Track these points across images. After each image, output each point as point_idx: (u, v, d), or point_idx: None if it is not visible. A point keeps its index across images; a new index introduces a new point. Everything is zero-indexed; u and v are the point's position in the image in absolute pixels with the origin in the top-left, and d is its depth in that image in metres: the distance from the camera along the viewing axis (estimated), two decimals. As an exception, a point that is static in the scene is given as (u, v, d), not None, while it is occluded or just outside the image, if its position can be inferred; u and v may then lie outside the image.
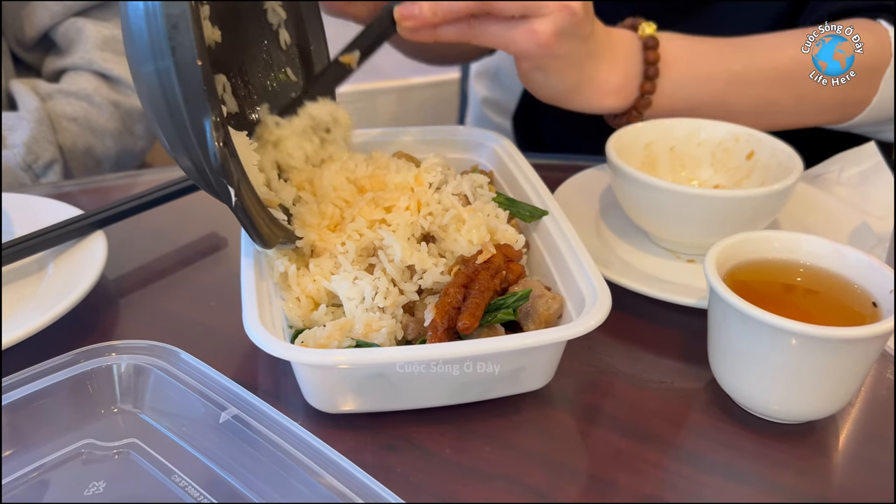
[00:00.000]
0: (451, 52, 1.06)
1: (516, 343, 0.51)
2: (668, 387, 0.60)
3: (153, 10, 0.47)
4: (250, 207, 0.53)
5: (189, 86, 0.48)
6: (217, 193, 0.55)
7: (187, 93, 0.48)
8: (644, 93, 0.75)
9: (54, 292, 0.65)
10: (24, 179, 0.94)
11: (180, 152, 0.52)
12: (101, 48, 1.03)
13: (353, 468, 0.47)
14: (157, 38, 0.48)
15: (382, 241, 0.59)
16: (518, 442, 0.55)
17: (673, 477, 0.53)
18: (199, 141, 0.50)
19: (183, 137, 0.51)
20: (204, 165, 0.51)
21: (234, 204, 0.52)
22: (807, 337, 0.50)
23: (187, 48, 0.47)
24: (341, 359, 0.50)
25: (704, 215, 0.68)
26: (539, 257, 0.64)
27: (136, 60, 0.50)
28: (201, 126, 0.49)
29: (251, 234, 0.56)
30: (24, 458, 0.51)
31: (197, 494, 0.49)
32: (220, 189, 0.52)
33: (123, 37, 0.51)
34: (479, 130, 0.79)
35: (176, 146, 0.52)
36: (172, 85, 0.48)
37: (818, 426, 0.57)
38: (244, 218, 0.54)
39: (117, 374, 0.55)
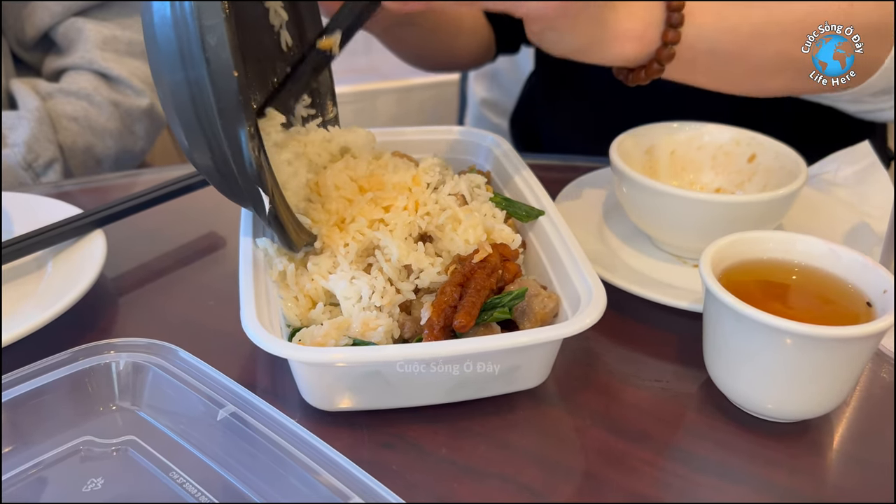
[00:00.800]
0: (449, 56, 1.06)
1: (512, 341, 0.52)
2: (664, 386, 0.61)
3: (183, 17, 0.46)
4: (283, 214, 0.54)
5: (224, 96, 0.47)
6: (235, 196, 0.55)
7: (221, 103, 0.47)
8: (667, 42, 0.69)
9: (54, 290, 0.65)
10: (24, 178, 0.94)
11: (203, 153, 0.51)
12: (101, 48, 1.03)
13: (350, 465, 0.47)
14: (188, 48, 0.46)
15: (380, 241, 0.60)
16: (513, 440, 0.56)
17: (667, 476, 0.53)
18: (234, 150, 0.49)
19: (212, 144, 0.50)
20: (234, 170, 0.51)
21: (268, 212, 0.52)
22: (801, 336, 0.51)
23: (223, 60, 0.46)
24: (338, 357, 0.51)
25: (708, 220, 0.68)
26: (535, 257, 0.64)
27: (161, 67, 0.49)
28: (236, 135, 0.48)
29: (283, 239, 0.56)
30: (23, 455, 0.51)
31: (195, 491, 0.49)
32: (248, 194, 0.52)
33: (146, 42, 0.50)
34: (477, 131, 0.79)
35: (200, 148, 0.51)
36: (205, 95, 0.47)
37: (813, 425, 0.57)
38: (277, 226, 0.54)
39: (116, 371, 0.55)
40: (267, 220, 0.55)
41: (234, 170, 0.51)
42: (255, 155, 0.49)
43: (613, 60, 0.69)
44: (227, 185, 0.54)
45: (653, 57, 0.69)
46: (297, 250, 0.60)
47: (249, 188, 0.51)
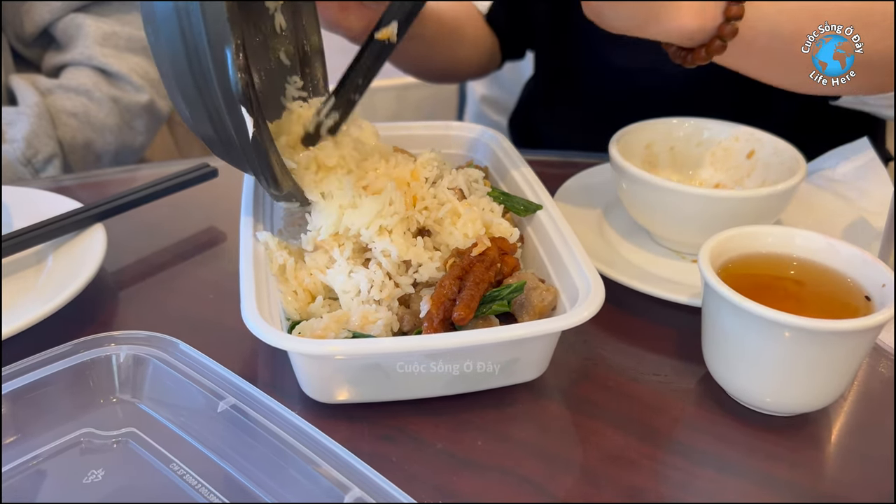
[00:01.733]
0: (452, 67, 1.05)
1: (511, 334, 0.52)
2: (662, 380, 0.61)
3: None
4: (268, 147, 0.53)
5: (212, 18, 0.48)
6: (237, 158, 0.54)
7: (210, 26, 0.48)
8: (729, 17, 0.65)
9: (54, 284, 0.65)
10: (23, 174, 0.94)
11: (201, 115, 0.52)
12: (100, 44, 1.03)
13: (350, 457, 0.47)
14: None
15: (374, 245, 0.60)
16: (512, 433, 0.56)
17: (666, 469, 0.54)
18: (221, 78, 0.49)
19: (203, 92, 0.51)
20: (226, 116, 0.51)
21: (251, 138, 0.51)
22: (800, 329, 0.51)
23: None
24: (337, 349, 0.51)
25: (707, 215, 0.68)
26: (533, 251, 0.65)
27: (153, 14, 0.51)
28: (223, 59, 0.49)
29: (264, 173, 0.55)
30: (23, 447, 0.51)
31: (195, 483, 0.50)
32: (238, 134, 0.51)
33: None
34: (475, 126, 0.80)
35: (196, 106, 0.52)
36: (194, 23, 0.49)
37: (811, 419, 0.57)
38: (258, 154, 0.53)
39: (116, 364, 0.55)
40: (255, 161, 0.54)
41: (224, 110, 0.51)
42: (240, 75, 0.49)
43: (672, 34, 0.65)
44: (225, 146, 0.53)
45: (714, 34, 0.65)
46: (281, 191, 0.58)
47: (236, 119, 0.51)
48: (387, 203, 0.60)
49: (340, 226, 0.60)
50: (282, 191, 0.58)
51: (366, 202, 0.60)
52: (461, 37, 1.02)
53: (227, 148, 0.55)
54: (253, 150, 0.53)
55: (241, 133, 0.51)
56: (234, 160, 0.57)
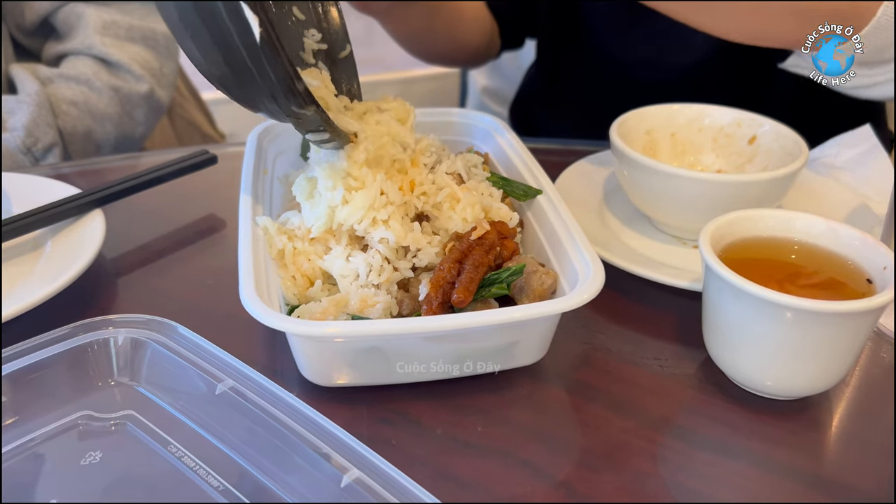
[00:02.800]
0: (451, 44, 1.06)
1: (511, 315, 0.51)
2: (663, 364, 0.61)
3: None
4: (277, 45, 0.48)
5: None
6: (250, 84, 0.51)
7: None
8: None
9: (53, 268, 0.65)
10: (23, 162, 0.94)
11: (209, 49, 0.50)
12: (101, 33, 1.03)
13: (349, 438, 0.47)
14: None
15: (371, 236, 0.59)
16: (512, 417, 0.56)
17: (665, 452, 0.53)
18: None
19: (210, 26, 0.48)
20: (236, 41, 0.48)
21: (259, 39, 0.47)
22: (802, 311, 0.50)
23: None
24: (335, 331, 0.51)
25: (709, 200, 0.68)
26: (533, 235, 0.64)
27: None
28: None
29: (279, 81, 0.50)
30: (21, 429, 0.51)
31: (193, 465, 0.49)
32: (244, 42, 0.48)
33: None
34: (475, 113, 0.79)
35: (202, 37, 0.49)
36: None
37: (812, 403, 0.57)
38: (271, 54, 0.48)
39: (115, 347, 0.55)
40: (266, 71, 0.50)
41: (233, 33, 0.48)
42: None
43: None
44: (237, 79, 0.51)
45: None
46: (302, 108, 0.53)
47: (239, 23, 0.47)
48: (377, 194, 0.59)
49: (333, 222, 0.60)
50: (301, 105, 0.52)
51: (356, 197, 0.59)
52: (461, 13, 1.02)
53: (238, 77, 0.51)
54: (263, 53, 0.48)
55: (247, 41, 0.48)
56: (247, 93, 0.54)
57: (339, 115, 0.62)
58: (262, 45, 0.48)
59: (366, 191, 0.59)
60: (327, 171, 0.60)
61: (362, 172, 0.60)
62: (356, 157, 0.60)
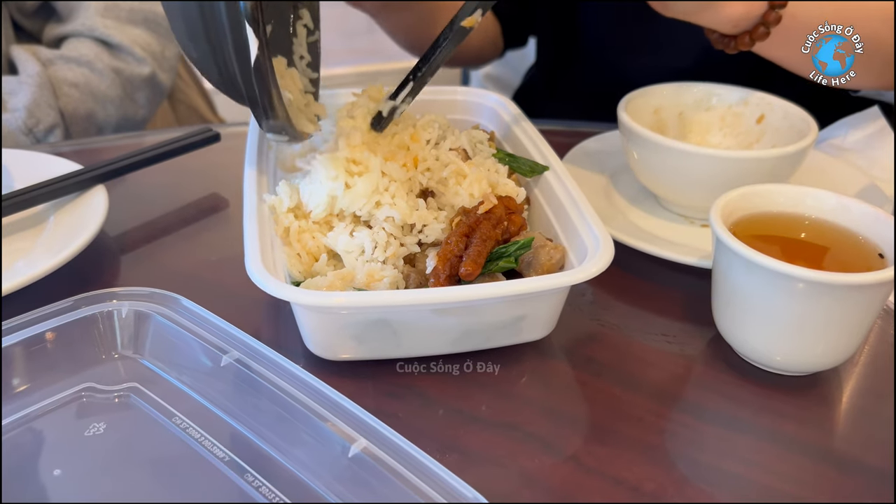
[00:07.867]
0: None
1: (519, 287, 0.51)
2: (671, 340, 0.60)
3: None
4: (268, 69, 0.50)
5: None
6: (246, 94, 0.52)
7: None
8: (774, 6, 0.69)
9: (55, 242, 0.65)
10: (24, 143, 0.93)
11: (207, 59, 0.50)
12: (102, 15, 1.02)
13: (356, 409, 0.46)
14: None
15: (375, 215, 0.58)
16: (519, 391, 0.55)
17: (674, 426, 0.53)
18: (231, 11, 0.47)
19: (209, 29, 0.49)
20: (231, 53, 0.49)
21: (254, 60, 0.49)
22: (813, 283, 0.50)
23: None
24: (342, 301, 0.50)
25: (717, 177, 0.67)
26: (540, 212, 0.64)
27: None
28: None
29: (263, 96, 0.51)
30: (24, 400, 0.51)
31: (198, 436, 0.49)
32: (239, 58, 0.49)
33: None
34: (480, 91, 0.79)
35: (202, 47, 0.50)
36: None
37: (821, 379, 0.57)
38: (261, 78, 0.50)
39: (118, 319, 0.55)
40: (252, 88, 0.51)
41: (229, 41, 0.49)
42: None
43: (721, 20, 0.68)
44: (235, 87, 0.52)
45: (759, 21, 0.69)
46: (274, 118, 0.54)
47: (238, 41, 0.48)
48: (378, 179, 0.58)
49: (335, 207, 0.59)
50: (274, 118, 0.54)
51: (358, 183, 0.58)
52: None
53: (226, 81, 0.53)
54: (258, 71, 0.50)
55: (242, 57, 0.49)
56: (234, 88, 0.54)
57: (299, 113, 0.61)
58: (255, 68, 0.49)
59: (367, 176, 0.58)
60: (329, 160, 0.59)
61: (364, 156, 0.59)
62: (353, 140, 0.60)
